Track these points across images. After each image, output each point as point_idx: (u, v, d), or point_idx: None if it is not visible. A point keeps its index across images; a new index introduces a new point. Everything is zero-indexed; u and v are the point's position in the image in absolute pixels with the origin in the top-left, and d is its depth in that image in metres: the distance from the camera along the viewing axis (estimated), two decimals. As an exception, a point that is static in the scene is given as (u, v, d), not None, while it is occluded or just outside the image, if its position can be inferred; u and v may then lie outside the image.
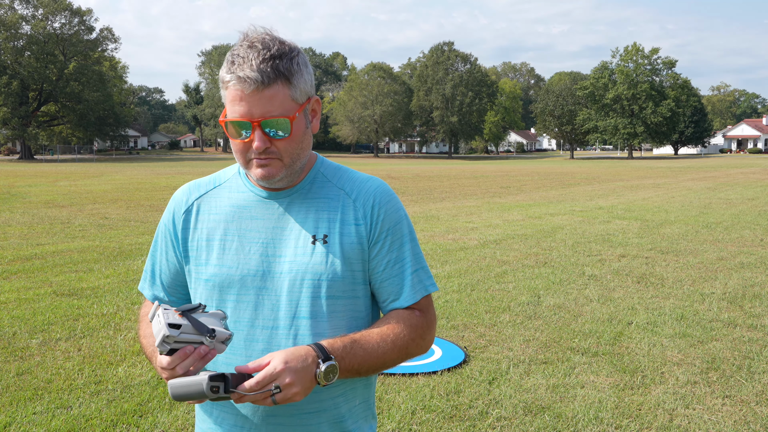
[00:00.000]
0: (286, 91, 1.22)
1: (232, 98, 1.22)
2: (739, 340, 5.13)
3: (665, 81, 75.54)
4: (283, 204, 1.34)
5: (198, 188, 1.42)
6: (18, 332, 5.23)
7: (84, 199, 17.79)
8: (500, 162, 64.25)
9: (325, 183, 1.37)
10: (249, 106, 1.20)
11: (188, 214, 1.39)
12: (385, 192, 1.37)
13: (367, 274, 1.35)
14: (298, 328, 1.29)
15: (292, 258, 1.30)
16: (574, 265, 8.13)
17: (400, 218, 1.37)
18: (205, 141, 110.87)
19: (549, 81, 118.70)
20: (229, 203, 1.37)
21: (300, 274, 1.29)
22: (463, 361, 4.61)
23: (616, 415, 3.77)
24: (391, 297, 1.36)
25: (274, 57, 1.20)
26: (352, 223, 1.33)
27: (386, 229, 1.34)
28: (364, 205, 1.34)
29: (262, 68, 1.19)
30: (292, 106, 1.24)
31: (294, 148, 1.27)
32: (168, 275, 1.43)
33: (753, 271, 7.77)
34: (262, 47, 1.21)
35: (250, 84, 1.19)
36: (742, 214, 13.96)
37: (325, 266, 1.29)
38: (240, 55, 1.21)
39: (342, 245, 1.31)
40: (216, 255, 1.33)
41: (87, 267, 7.98)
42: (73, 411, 3.76)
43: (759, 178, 28.51)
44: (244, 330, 1.30)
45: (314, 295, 1.29)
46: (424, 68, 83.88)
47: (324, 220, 1.32)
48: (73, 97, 66.20)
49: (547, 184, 26.06)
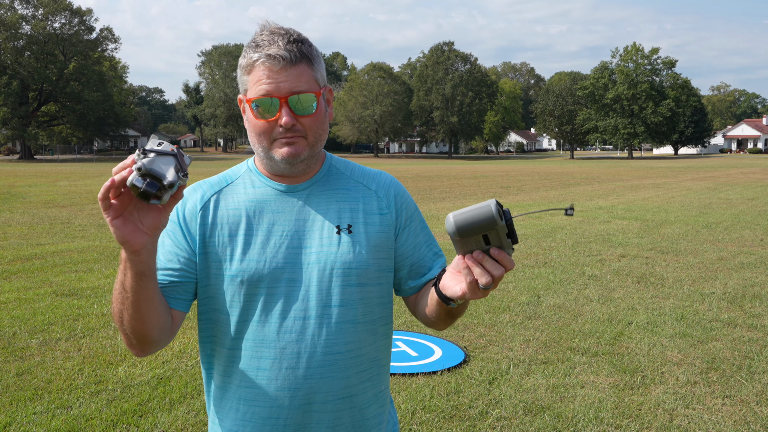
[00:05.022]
0: (310, 72, 1.28)
1: (258, 78, 1.26)
2: (739, 340, 5.14)
3: (665, 81, 75.52)
4: (302, 197, 1.37)
5: (211, 186, 1.40)
6: (18, 332, 5.23)
7: (84, 199, 17.79)
8: (500, 162, 64.24)
9: (340, 176, 1.42)
10: (277, 83, 1.25)
11: (205, 210, 1.36)
12: (399, 183, 1.48)
13: (392, 261, 1.41)
14: (330, 317, 1.32)
15: (319, 249, 1.33)
16: (574, 265, 8.13)
17: (415, 205, 1.49)
18: (205, 141, 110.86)
19: (549, 81, 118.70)
20: (247, 198, 1.37)
21: (329, 264, 1.32)
22: (463, 361, 4.61)
23: (616, 415, 3.77)
24: (421, 273, 1.44)
25: (297, 41, 1.28)
26: (376, 213, 1.39)
27: (409, 216, 1.44)
28: (387, 195, 1.42)
29: (289, 48, 1.26)
30: (315, 85, 1.30)
31: (318, 126, 1.31)
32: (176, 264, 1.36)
33: (753, 271, 7.77)
34: (285, 32, 1.28)
35: (279, 61, 1.24)
36: (742, 214, 13.96)
37: (353, 255, 1.34)
38: (265, 39, 1.27)
39: (367, 234, 1.36)
40: (240, 251, 1.33)
41: (87, 267, 7.98)
42: (73, 411, 3.76)
43: (759, 178, 28.51)
44: (276, 322, 1.31)
45: (344, 283, 1.33)
46: (424, 68, 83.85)
47: (346, 211, 1.37)
48: (73, 97, 66.21)
49: (547, 184, 26.06)
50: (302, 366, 1.30)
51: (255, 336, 1.32)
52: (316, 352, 1.31)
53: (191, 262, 1.35)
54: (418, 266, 1.44)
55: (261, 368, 1.32)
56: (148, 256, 1.15)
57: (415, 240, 1.44)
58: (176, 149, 1.09)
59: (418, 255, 1.44)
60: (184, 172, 1.06)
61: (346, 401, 1.35)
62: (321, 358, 1.31)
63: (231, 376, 1.35)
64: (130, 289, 1.18)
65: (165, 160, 1.06)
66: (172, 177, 1.04)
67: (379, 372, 1.42)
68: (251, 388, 1.33)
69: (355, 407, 1.36)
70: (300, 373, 1.30)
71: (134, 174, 1.03)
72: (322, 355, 1.31)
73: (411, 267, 1.43)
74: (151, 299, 1.22)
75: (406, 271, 1.44)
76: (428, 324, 1.39)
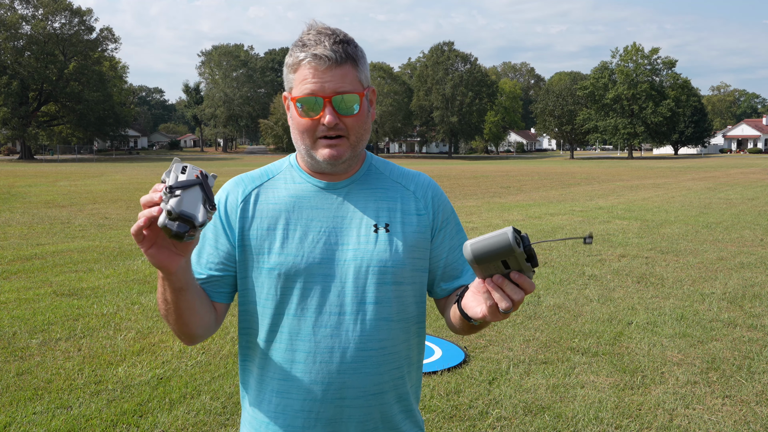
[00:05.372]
0: (355, 73, 1.31)
1: (303, 77, 1.29)
2: (739, 340, 5.13)
3: (665, 81, 75.49)
4: (341, 194, 1.39)
5: (252, 180, 1.43)
6: (18, 332, 5.23)
7: (84, 199, 17.79)
8: (500, 162, 64.25)
9: (380, 175, 1.44)
10: (322, 83, 1.27)
11: (246, 204, 1.39)
12: (436, 185, 1.49)
13: (427, 261, 1.43)
14: (365, 313, 1.34)
15: (356, 246, 1.35)
16: (574, 265, 8.13)
17: (452, 207, 1.51)
18: (205, 141, 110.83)
19: (549, 81, 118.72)
20: (287, 194, 1.39)
21: (365, 262, 1.34)
22: (463, 361, 4.61)
23: (616, 415, 3.77)
24: (454, 276, 1.46)
25: (343, 42, 1.30)
26: (413, 213, 1.41)
27: (446, 218, 1.46)
28: (424, 196, 1.44)
29: (335, 48, 1.28)
30: (359, 86, 1.32)
31: (360, 126, 1.33)
32: (215, 258, 1.41)
33: (753, 271, 7.77)
34: (331, 33, 1.30)
35: (325, 61, 1.27)
36: (742, 214, 13.96)
37: (390, 253, 1.35)
38: (312, 39, 1.29)
39: (404, 234, 1.38)
40: (279, 244, 1.35)
41: (87, 267, 7.98)
42: (73, 411, 3.76)
43: (759, 178, 28.51)
44: (311, 316, 1.34)
45: (380, 281, 1.34)
46: (424, 68, 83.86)
47: (384, 210, 1.39)
48: (73, 97, 66.21)
49: (547, 184, 26.06)
50: (336, 361, 1.32)
51: (290, 329, 1.34)
52: (349, 348, 1.33)
53: (231, 256, 1.39)
54: (451, 269, 1.45)
55: (295, 361, 1.34)
56: (184, 274, 1.22)
57: (450, 242, 1.46)
58: (201, 174, 1.10)
59: (452, 257, 1.45)
60: (212, 204, 1.08)
61: (378, 397, 1.36)
62: (354, 354, 1.33)
63: (266, 368, 1.38)
64: (171, 301, 1.26)
65: (192, 195, 1.07)
66: (203, 217, 1.06)
67: (410, 370, 1.44)
68: (285, 381, 1.35)
69: (385, 404, 1.38)
70: (333, 368, 1.32)
71: (164, 217, 1.04)
72: (356, 351, 1.33)
73: (445, 269, 1.45)
74: (191, 308, 1.29)
75: (440, 272, 1.46)
76: (455, 331, 1.40)
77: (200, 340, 1.38)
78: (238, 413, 3.75)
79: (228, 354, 4.74)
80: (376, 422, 1.37)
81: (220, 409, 3.81)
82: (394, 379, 1.39)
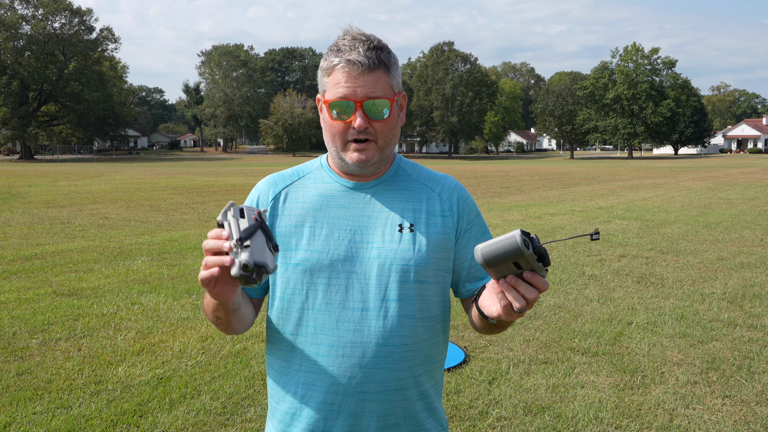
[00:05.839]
0: (386, 78, 1.35)
1: (336, 81, 1.33)
2: (739, 340, 5.13)
3: (665, 81, 75.50)
4: (368, 194, 1.43)
5: (283, 179, 1.50)
6: (18, 332, 5.23)
7: (84, 199, 17.79)
8: (500, 162, 64.25)
9: (407, 177, 1.49)
10: (354, 87, 1.32)
11: (276, 202, 1.45)
12: (463, 188, 1.53)
13: (451, 262, 1.46)
14: (387, 310, 1.37)
15: (380, 244, 1.39)
16: (574, 265, 8.13)
17: (478, 210, 1.54)
18: (205, 141, 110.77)
19: (549, 81, 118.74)
20: (316, 193, 1.45)
21: (389, 260, 1.38)
22: (463, 361, 4.61)
23: (616, 415, 3.77)
24: (479, 277, 1.49)
25: (377, 48, 1.34)
26: (438, 215, 1.44)
27: (471, 220, 1.49)
28: (450, 199, 1.47)
29: (368, 55, 1.32)
30: (390, 92, 1.36)
31: (389, 131, 1.38)
32: None
33: (753, 271, 7.77)
34: (366, 39, 1.34)
35: (358, 67, 1.31)
36: (742, 214, 13.96)
37: (413, 253, 1.39)
38: (347, 44, 1.33)
39: (428, 234, 1.41)
40: (306, 241, 1.40)
41: (87, 267, 7.98)
42: (73, 411, 3.76)
43: (759, 178, 28.51)
44: (336, 311, 1.37)
45: (402, 279, 1.38)
46: (424, 68, 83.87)
47: (409, 210, 1.43)
48: (73, 97, 66.22)
49: (547, 184, 26.06)
50: (357, 355, 1.36)
51: (315, 323, 1.38)
52: (371, 343, 1.36)
53: None
54: (476, 270, 1.48)
55: (319, 354, 1.38)
56: (237, 298, 1.32)
57: (476, 244, 1.47)
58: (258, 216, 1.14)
59: (474, 261, 1.47)
60: (275, 245, 1.13)
61: (399, 393, 1.39)
62: (376, 349, 1.36)
63: (291, 360, 1.42)
64: (223, 319, 1.35)
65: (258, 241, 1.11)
66: (273, 263, 1.10)
67: (432, 368, 1.45)
68: (310, 373, 1.39)
69: (407, 399, 1.40)
70: (355, 362, 1.36)
71: (238, 268, 1.08)
72: (378, 347, 1.36)
73: (469, 270, 1.48)
74: (240, 319, 1.39)
75: (465, 273, 1.48)
76: (478, 330, 1.42)
77: (241, 333, 1.46)
78: (238, 413, 3.75)
79: (228, 354, 4.74)
80: (398, 417, 1.40)
81: (220, 409, 3.81)
82: (416, 376, 1.41)
